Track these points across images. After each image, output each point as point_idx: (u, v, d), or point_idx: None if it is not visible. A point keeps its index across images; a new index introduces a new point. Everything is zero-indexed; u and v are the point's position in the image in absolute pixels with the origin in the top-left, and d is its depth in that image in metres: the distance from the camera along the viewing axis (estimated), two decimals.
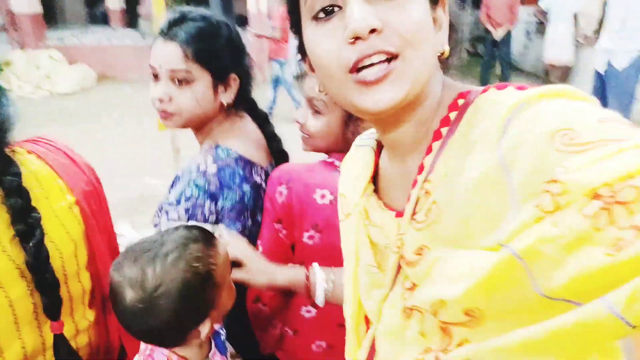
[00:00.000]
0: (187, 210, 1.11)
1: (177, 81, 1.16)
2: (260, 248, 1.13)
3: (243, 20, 15.71)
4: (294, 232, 1.10)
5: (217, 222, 1.15)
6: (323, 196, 1.08)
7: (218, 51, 1.19)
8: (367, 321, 0.77)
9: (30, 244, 0.86)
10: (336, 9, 0.56)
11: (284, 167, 1.15)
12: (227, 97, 1.23)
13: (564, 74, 8.41)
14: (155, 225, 1.26)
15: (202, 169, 1.15)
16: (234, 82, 1.23)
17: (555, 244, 0.44)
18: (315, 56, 0.59)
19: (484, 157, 0.52)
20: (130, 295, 0.89)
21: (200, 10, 1.23)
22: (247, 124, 1.32)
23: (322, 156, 1.20)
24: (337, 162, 1.13)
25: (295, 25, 0.65)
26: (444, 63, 0.64)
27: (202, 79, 1.17)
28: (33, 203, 0.88)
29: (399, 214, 0.65)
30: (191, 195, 1.12)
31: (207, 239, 0.98)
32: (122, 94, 9.20)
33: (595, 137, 0.45)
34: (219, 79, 1.20)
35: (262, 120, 1.35)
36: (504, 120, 0.52)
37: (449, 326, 0.56)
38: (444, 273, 0.55)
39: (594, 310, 0.42)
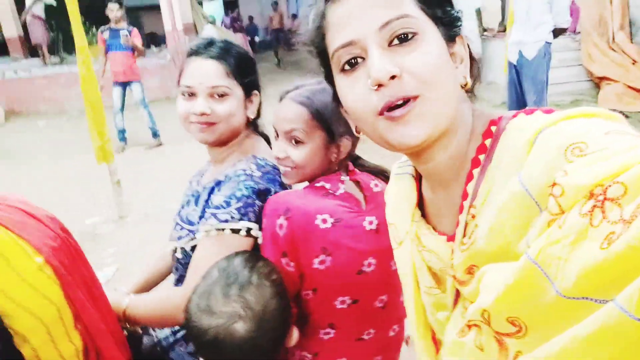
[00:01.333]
0: (239, 210, 1.15)
1: (216, 96, 1.24)
2: None
3: (156, 39, 15.16)
4: (301, 261, 1.09)
5: None
6: (325, 220, 1.09)
7: (249, 68, 1.29)
8: (435, 341, 0.80)
9: None
10: (359, 59, 0.62)
11: (276, 198, 1.14)
12: (251, 112, 1.32)
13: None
14: (179, 238, 1.27)
15: (249, 173, 1.20)
16: (256, 98, 1.33)
17: (560, 244, 0.47)
18: (346, 103, 0.66)
19: (511, 180, 0.57)
20: (242, 327, 0.91)
21: (222, 37, 1.35)
22: (262, 140, 1.38)
23: None
24: (326, 185, 1.15)
25: (328, 77, 0.71)
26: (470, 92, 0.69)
27: (237, 94, 1.27)
28: None
29: (450, 238, 0.68)
30: (242, 196, 1.16)
31: (258, 256, 1.04)
32: (36, 130, 8.60)
33: (600, 146, 0.50)
34: (247, 95, 1.29)
35: (265, 138, 1.40)
36: (530, 145, 0.57)
37: (503, 338, 0.58)
38: (484, 285, 0.59)
39: (610, 314, 0.43)
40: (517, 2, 4.54)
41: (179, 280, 1.31)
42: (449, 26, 0.65)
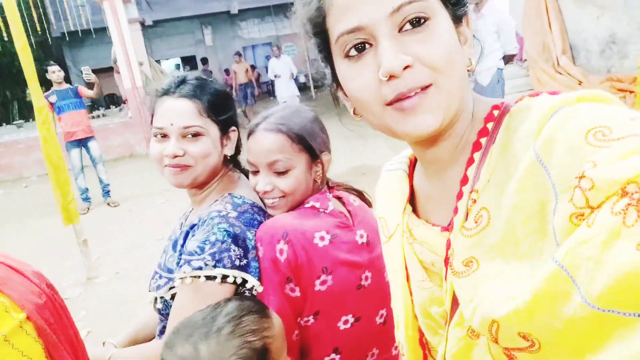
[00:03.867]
0: (213, 256, 1.05)
1: (189, 136, 1.16)
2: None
3: (115, 100, 14.97)
4: (305, 284, 1.05)
5: (244, 268, 1.08)
6: (322, 238, 1.07)
7: (224, 105, 1.22)
8: (422, 345, 0.76)
9: None
10: (367, 45, 0.57)
11: (271, 224, 1.09)
12: (229, 149, 1.24)
13: None
14: (158, 288, 1.18)
15: (224, 214, 1.12)
16: (234, 134, 1.26)
17: (590, 244, 0.44)
18: (351, 92, 0.61)
19: (524, 158, 0.54)
20: None
21: (195, 73, 1.26)
22: (242, 176, 1.31)
23: None
24: (316, 205, 1.13)
25: (326, 59, 0.66)
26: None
27: (211, 133, 1.19)
28: None
29: (445, 228, 0.65)
30: (216, 240, 1.07)
31: (261, 309, 0.93)
32: None
33: (627, 132, 0.46)
34: (223, 132, 1.22)
35: (247, 175, 1.33)
36: (544, 122, 0.53)
37: (512, 352, 0.55)
38: (494, 292, 0.54)
39: None
40: None
41: (162, 332, 1.22)
42: (456, 6, 0.61)
